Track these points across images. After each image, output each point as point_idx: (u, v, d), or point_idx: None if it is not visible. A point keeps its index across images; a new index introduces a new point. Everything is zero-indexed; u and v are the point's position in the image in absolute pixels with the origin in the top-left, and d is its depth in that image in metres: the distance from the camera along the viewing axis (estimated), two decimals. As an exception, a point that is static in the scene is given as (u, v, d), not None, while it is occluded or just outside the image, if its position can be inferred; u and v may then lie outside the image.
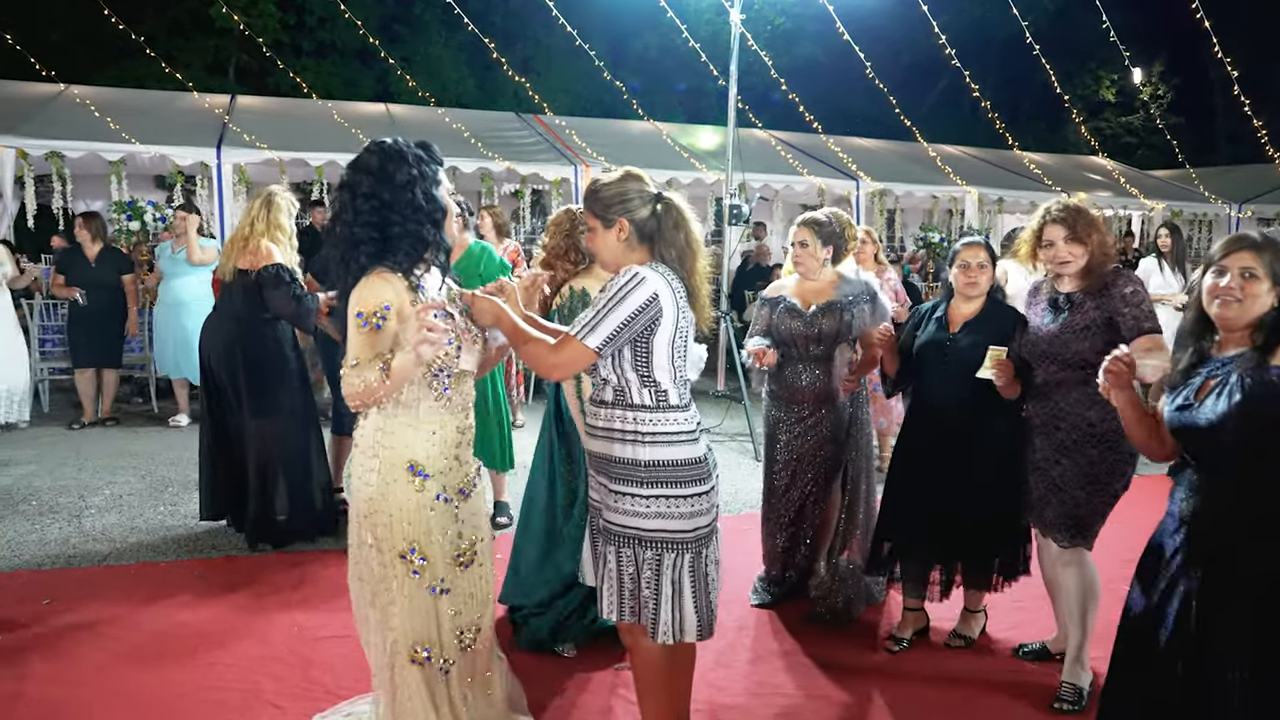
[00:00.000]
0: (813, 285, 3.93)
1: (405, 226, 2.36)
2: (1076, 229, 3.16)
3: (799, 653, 3.59)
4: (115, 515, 5.02)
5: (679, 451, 2.42)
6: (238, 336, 4.59)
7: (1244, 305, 2.15)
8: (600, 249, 2.52)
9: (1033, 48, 12.06)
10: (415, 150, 2.43)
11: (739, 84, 8.43)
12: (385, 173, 2.36)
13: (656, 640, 2.44)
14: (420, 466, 2.39)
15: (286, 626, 3.67)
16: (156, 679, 3.23)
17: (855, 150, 13.49)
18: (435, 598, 2.43)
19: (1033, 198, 13.00)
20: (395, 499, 2.37)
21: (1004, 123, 14.47)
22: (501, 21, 20.44)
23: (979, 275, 3.43)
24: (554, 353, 2.38)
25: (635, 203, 2.45)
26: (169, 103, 11.89)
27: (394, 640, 2.42)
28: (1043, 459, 3.23)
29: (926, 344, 3.52)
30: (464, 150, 10.83)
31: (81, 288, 6.95)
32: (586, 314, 2.36)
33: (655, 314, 2.35)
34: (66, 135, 9.46)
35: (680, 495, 2.41)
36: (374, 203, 2.35)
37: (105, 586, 4.04)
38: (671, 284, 2.40)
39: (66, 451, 6.34)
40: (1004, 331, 3.36)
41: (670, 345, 2.41)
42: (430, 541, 2.40)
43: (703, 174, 11.34)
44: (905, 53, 22.13)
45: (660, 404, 2.42)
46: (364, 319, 2.28)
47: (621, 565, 2.45)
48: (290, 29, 19.91)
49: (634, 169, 2.56)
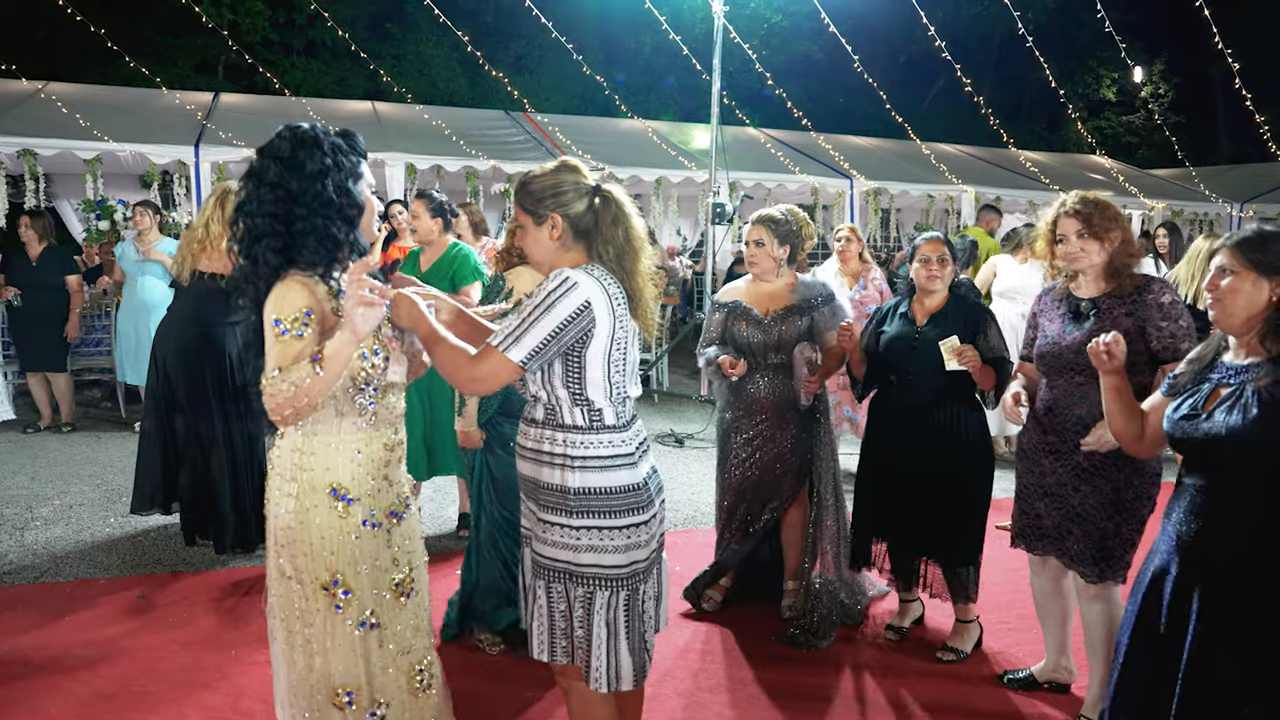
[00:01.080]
0: (768, 288, 3.71)
1: (311, 221, 2.09)
2: (1092, 223, 2.87)
3: (767, 680, 3.36)
4: (61, 528, 4.80)
5: (613, 478, 2.15)
6: (198, 341, 4.39)
7: (1224, 304, 2.05)
8: (531, 248, 2.24)
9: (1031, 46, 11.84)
10: (333, 138, 2.17)
11: (731, 82, 8.27)
12: (295, 160, 2.10)
13: (590, 687, 2.19)
14: (344, 490, 2.14)
15: (221, 651, 3.44)
16: (74, 712, 3.00)
17: (850, 149, 13.29)
18: (364, 633, 2.17)
19: (1030, 197, 12.80)
20: (315, 526, 2.12)
21: (1004, 121, 14.26)
22: (493, 20, 20.26)
23: (939, 269, 3.46)
24: (473, 364, 2.10)
25: (569, 196, 2.17)
26: (150, 101, 11.68)
27: (314, 683, 2.16)
28: (1056, 484, 2.94)
29: (894, 339, 3.52)
30: (450, 149, 10.63)
31: (22, 289, 6.69)
32: (511, 322, 2.09)
33: (588, 324, 2.08)
34: (40, 133, 9.27)
35: (614, 526, 2.14)
36: (279, 192, 2.10)
37: (37, 607, 3.82)
38: (608, 289, 2.12)
39: (22, 459, 6.12)
40: (973, 323, 3.39)
41: (605, 359, 2.13)
42: (356, 573, 2.15)
43: (693, 173, 11.13)
44: (904, 51, 21.95)
45: (594, 424, 2.15)
46: (283, 326, 2.02)
47: (552, 601, 2.20)
48: (280, 27, 19.72)
49: (571, 159, 2.26)
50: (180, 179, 9.64)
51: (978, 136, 16.72)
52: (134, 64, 12.26)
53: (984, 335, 3.37)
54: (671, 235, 11.34)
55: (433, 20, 17.48)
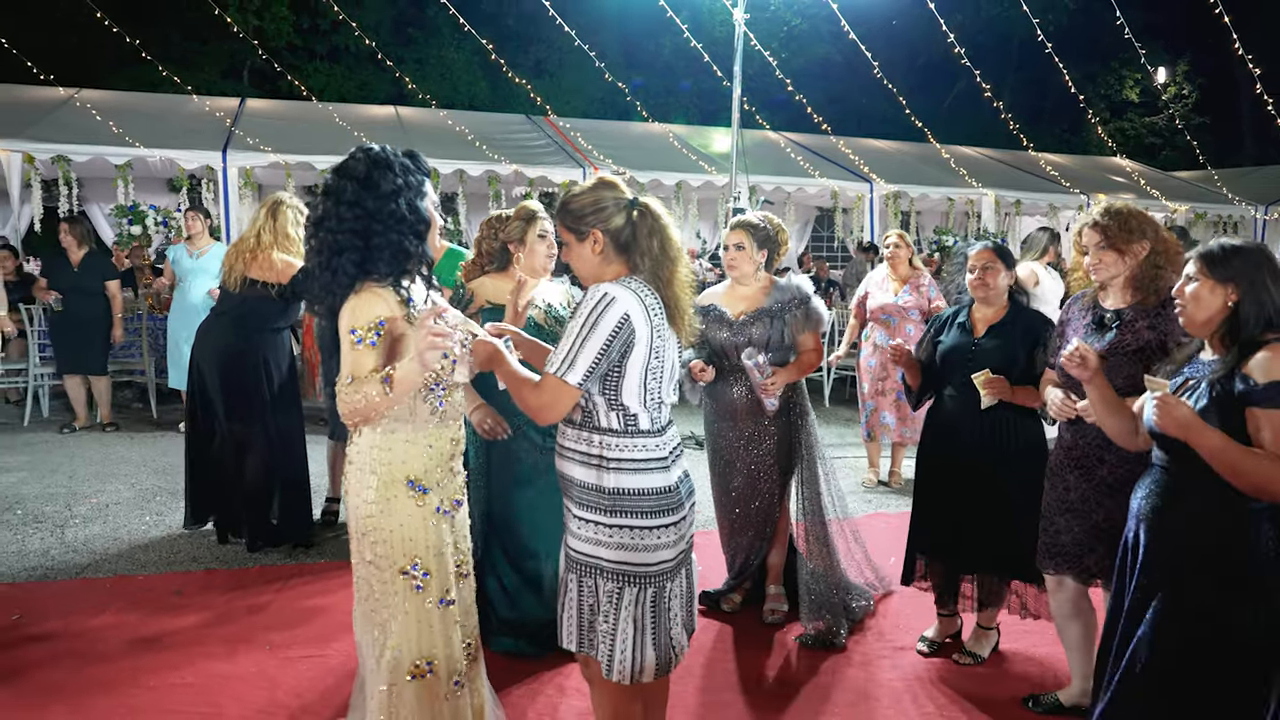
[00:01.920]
0: (744, 291, 3.78)
1: (387, 237, 2.29)
2: (1109, 235, 2.87)
3: (786, 680, 3.43)
4: (99, 525, 4.94)
5: (646, 480, 2.25)
6: (240, 345, 4.54)
7: (1188, 308, 2.29)
8: (576, 263, 2.35)
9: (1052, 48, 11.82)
10: (402, 159, 2.36)
11: (752, 86, 8.32)
12: (370, 180, 2.29)
13: (613, 679, 2.28)
14: (419, 481, 2.35)
15: (257, 645, 3.55)
16: (116, 700, 3.12)
17: (869, 152, 13.31)
18: (443, 610, 2.39)
19: (1051, 200, 12.77)
20: (396, 515, 2.33)
21: (1025, 124, 14.23)
22: (514, 24, 20.39)
23: (987, 277, 3.40)
24: (537, 394, 2.23)
25: (609, 211, 2.27)
26: (179, 106, 11.89)
27: (391, 658, 2.35)
28: (1080, 499, 2.92)
29: (951, 349, 3.47)
30: (471, 153, 10.75)
31: (64, 293, 6.83)
32: (562, 347, 2.20)
33: (629, 336, 2.19)
34: (73, 139, 9.48)
35: (645, 526, 2.24)
36: (357, 210, 2.29)
37: (79, 601, 3.95)
38: (645, 300, 2.23)
39: (60, 458, 6.28)
40: (1033, 334, 3.33)
41: (644, 368, 2.24)
42: (434, 555, 2.37)
43: (713, 177, 11.21)
44: (923, 53, 21.89)
45: (629, 429, 2.26)
46: (359, 336, 2.22)
47: (583, 595, 2.31)
48: (304, 33, 19.94)
49: (609, 176, 2.40)
50: (208, 183, 9.82)
51: (998, 139, 16.69)
52: (163, 70, 12.47)
53: (1045, 347, 3.25)
54: (691, 239, 11.40)
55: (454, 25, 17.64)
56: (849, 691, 3.32)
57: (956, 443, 3.40)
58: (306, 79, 16.93)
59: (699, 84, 21.12)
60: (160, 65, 12.60)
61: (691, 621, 2.41)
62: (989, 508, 3.32)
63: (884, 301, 5.95)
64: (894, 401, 5.89)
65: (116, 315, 7.09)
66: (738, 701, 3.24)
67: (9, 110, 10.28)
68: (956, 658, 3.55)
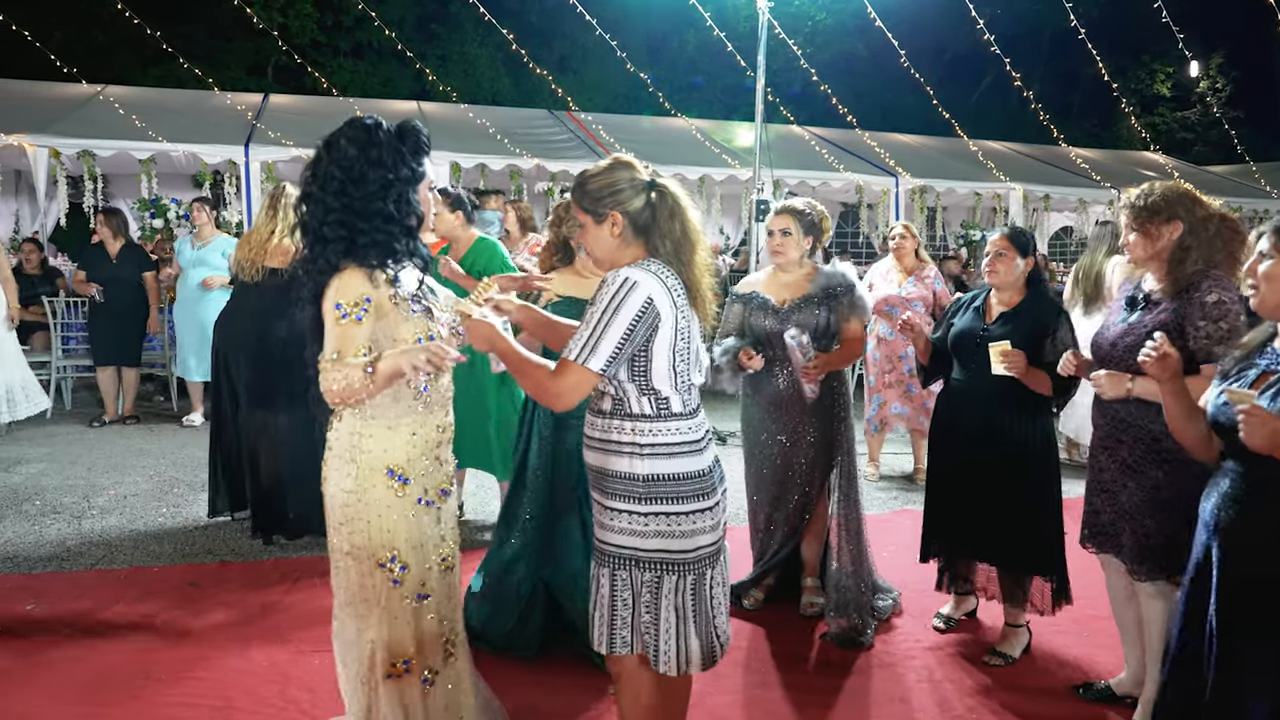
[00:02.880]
0: (788, 279, 3.69)
1: (373, 236, 2.21)
2: (1137, 215, 2.78)
3: (814, 678, 3.33)
4: (117, 517, 4.92)
5: (681, 464, 2.18)
6: (264, 333, 4.53)
7: (1261, 289, 2.05)
8: (593, 246, 2.28)
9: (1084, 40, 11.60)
10: (395, 146, 2.23)
11: (776, 80, 8.19)
12: (357, 174, 2.19)
13: (659, 670, 2.21)
14: (400, 470, 2.26)
15: (270, 638, 3.50)
16: (126, 692, 3.08)
17: (895, 146, 13.13)
18: (417, 605, 2.30)
19: (1081, 194, 12.55)
20: (373, 505, 2.24)
21: (1053, 119, 13.98)
22: (538, 20, 20.35)
23: (997, 264, 3.37)
24: (554, 380, 2.14)
25: (627, 193, 2.19)
26: (203, 102, 11.93)
27: (371, 653, 2.28)
28: (1110, 479, 2.89)
29: (961, 333, 3.45)
30: (494, 148, 10.71)
31: (103, 285, 6.89)
32: (582, 331, 2.12)
33: (654, 319, 2.12)
34: (99, 134, 9.52)
35: (681, 512, 2.17)
36: (344, 199, 2.20)
37: (93, 591, 3.92)
38: (667, 282, 2.16)
39: (80, 450, 6.29)
40: (1042, 323, 3.28)
41: (671, 350, 2.17)
42: (412, 548, 2.27)
43: (736, 171, 11.09)
44: (951, 47, 21.64)
45: (661, 413, 2.19)
46: (344, 310, 2.15)
47: (615, 590, 2.23)
48: (328, 29, 20.02)
49: (624, 156, 2.31)
50: (231, 178, 9.83)
51: (1026, 133, 16.43)
52: (188, 66, 12.54)
53: (1052, 337, 3.24)
54: (714, 234, 11.32)
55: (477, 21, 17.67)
56: (877, 691, 3.22)
57: (962, 427, 3.40)
58: (330, 75, 17.01)
59: (723, 80, 21.00)
60: (186, 62, 12.66)
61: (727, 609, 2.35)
62: (995, 496, 3.30)
63: (887, 293, 5.85)
64: (903, 392, 5.83)
65: (153, 306, 7.15)
66: (763, 699, 3.15)
67: (37, 107, 10.35)
68: (986, 659, 3.45)
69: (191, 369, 6.99)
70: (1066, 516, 3.37)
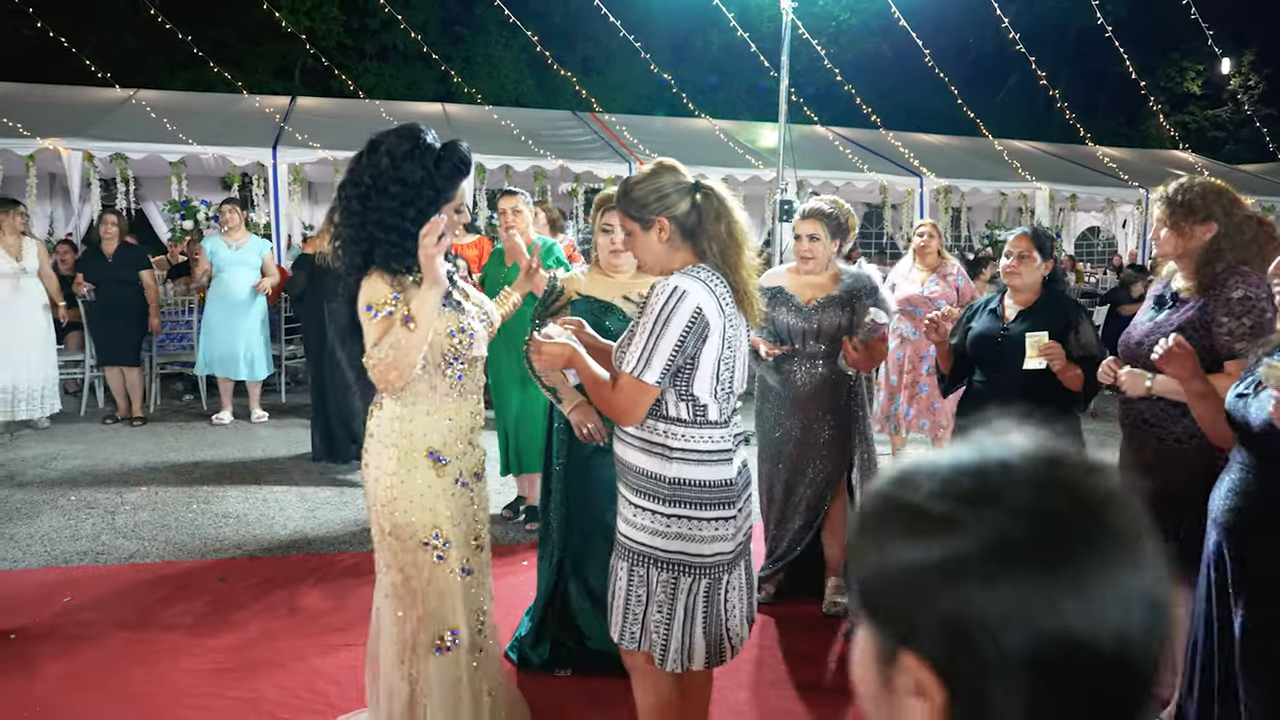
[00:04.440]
0: (813, 279, 3.69)
1: (387, 249, 2.28)
2: (1171, 211, 2.71)
3: (829, 675, 3.34)
4: (148, 512, 5.01)
5: (707, 472, 2.19)
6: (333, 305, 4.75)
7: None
8: (642, 253, 2.28)
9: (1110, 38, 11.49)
10: (431, 163, 2.25)
11: (799, 80, 8.18)
12: (383, 185, 2.24)
13: (665, 668, 2.22)
14: (439, 453, 2.38)
15: (297, 633, 3.56)
16: (160, 683, 3.14)
17: (919, 146, 13.07)
18: (463, 579, 2.41)
19: (1108, 194, 12.43)
20: (416, 485, 2.35)
21: (1079, 118, 13.85)
22: (561, 22, 20.43)
23: (1018, 265, 3.31)
24: (617, 397, 2.17)
25: (673, 198, 2.19)
26: (231, 105, 12.10)
27: (412, 631, 2.35)
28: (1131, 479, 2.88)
29: (980, 335, 3.39)
30: (518, 149, 10.77)
31: (98, 284, 6.88)
32: (636, 345, 2.13)
33: (703, 329, 2.11)
34: (131, 137, 9.68)
35: (703, 518, 2.19)
36: (366, 204, 2.27)
37: (126, 585, 4.00)
38: (715, 290, 2.15)
39: (113, 448, 6.40)
40: (1061, 320, 3.23)
41: (716, 359, 2.17)
42: (453, 526, 2.39)
43: (760, 171, 11.09)
44: (975, 47, 21.51)
45: (697, 419, 2.19)
46: (375, 310, 2.26)
47: (631, 584, 2.25)
48: (354, 33, 20.21)
49: (667, 160, 2.29)
50: (259, 180, 9.96)
51: (1052, 133, 16.32)
52: (217, 69, 12.72)
53: (1075, 332, 3.20)
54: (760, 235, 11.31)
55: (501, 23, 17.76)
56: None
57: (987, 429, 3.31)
58: (356, 78, 17.14)
59: (748, 81, 20.98)
60: (215, 65, 12.83)
61: (751, 612, 2.36)
62: None
63: (909, 293, 5.80)
64: (915, 393, 5.82)
65: (152, 305, 7.12)
66: (778, 696, 3.16)
67: (71, 111, 10.54)
68: None
69: (218, 364, 7.08)
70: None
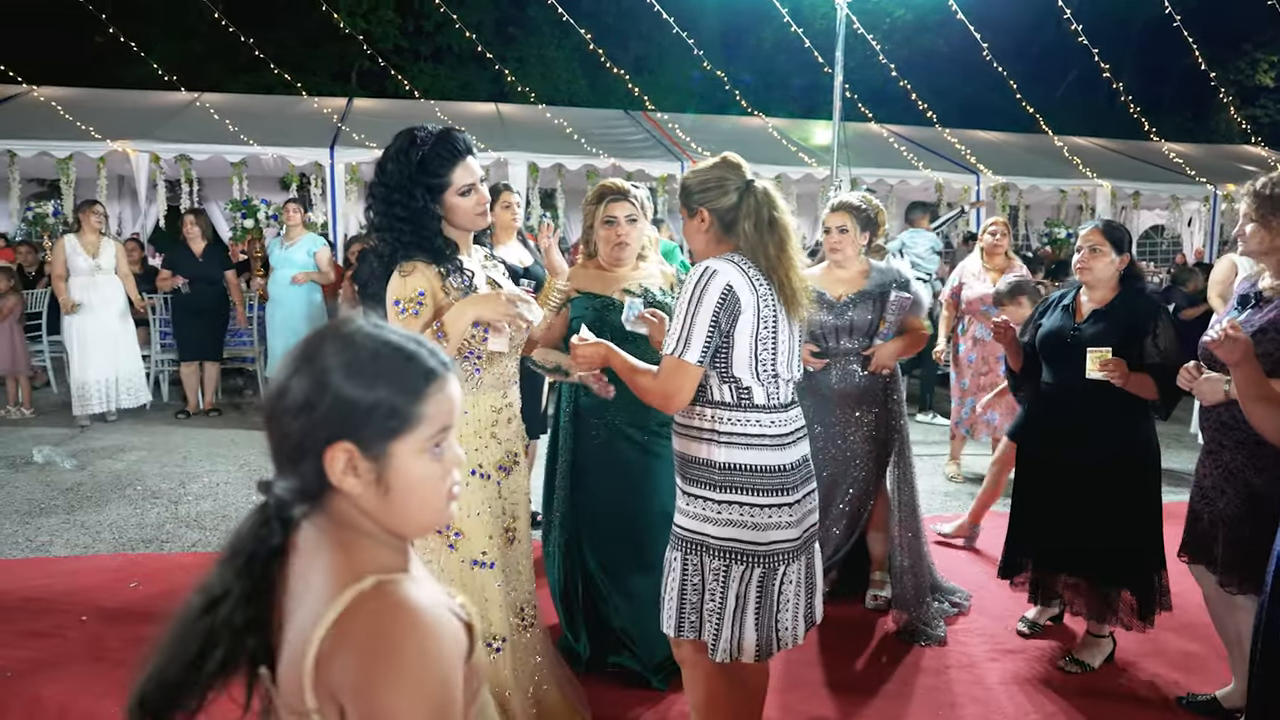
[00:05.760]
0: (843, 274, 3.65)
1: (400, 238, 2.34)
2: (1258, 205, 2.62)
3: (885, 678, 3.30)
4: (210, 502, 5.15)
5: (758, 456, 2.19)
6: None
7: None
8: (690, 240, 2.37)
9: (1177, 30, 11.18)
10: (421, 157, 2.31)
11: (853, 78, 8.09)
12: (396, 182, 2.34)
13: (715, 659, 2.22)
14: None
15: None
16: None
17: (976, 143, 12.85)
18: (476, 570, 2.41)
19: (1174, 191, 12.09)
20: None
21: (1144, 112, 13.47)
22: (614, 21, 20.48)
23: (1091, 259, 3.18)
24: (660, 382, 2.21)
25: (716, 192, 2.25)
26: (290, 106, 12.36)
27: None
28: (1211, 486, 2.78)
29: (1049, 333, 3.27)
30: (570, 148, 10.84)
31: (190, 281, 7.19)
32: (674, 327, 2.18)
33: (734, 305, 2.15)
34: (195, 139, 9.95)
35: (757, 504, 2.18)
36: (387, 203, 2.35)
37: (190, 572, 4.09)
38: (748, 272, 2.18)
39: (176, 440, 6.58)
40: (1137, 321, 3.07)
41: (752, 338, 2.18)
42: (466, 516, 2.40)
43: (813, 169, 11.01)
44: (1034, 42, 21.07)
45: (742, 402, 2.20)
46: (402, 306, 2.32)
47: (687, 574, 2.25)
48: (410, 34, 20.50)
49: (732, 155, 2.34)
50: (316, 179, 10.17)
51: (1114, 129, 15.90)
52: (277, 71, 13.01)
53: (1153, 336, 3.04)
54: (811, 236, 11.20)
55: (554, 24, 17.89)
56: (958, 691, 3.17)
57: (1053, 431, 3.24)
58: (412, 79, 17.39)
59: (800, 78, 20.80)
60: (275, 68, 13.12)
61: (813, 613, 2.33)
62: (1086, 503, 3.13)
63: (983, 292, 5.64)
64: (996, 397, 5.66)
65: (238, 303, 7.46)
66: (830, 697, 3.13)
67: (139, 114, 10.87)
68: (1063, 665, 3.33)
69: (270, 363, 7.27)
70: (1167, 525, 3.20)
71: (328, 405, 1.04)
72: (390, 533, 1.10)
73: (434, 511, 1.11)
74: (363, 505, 1.07)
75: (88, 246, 6.78)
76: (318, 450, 1.04)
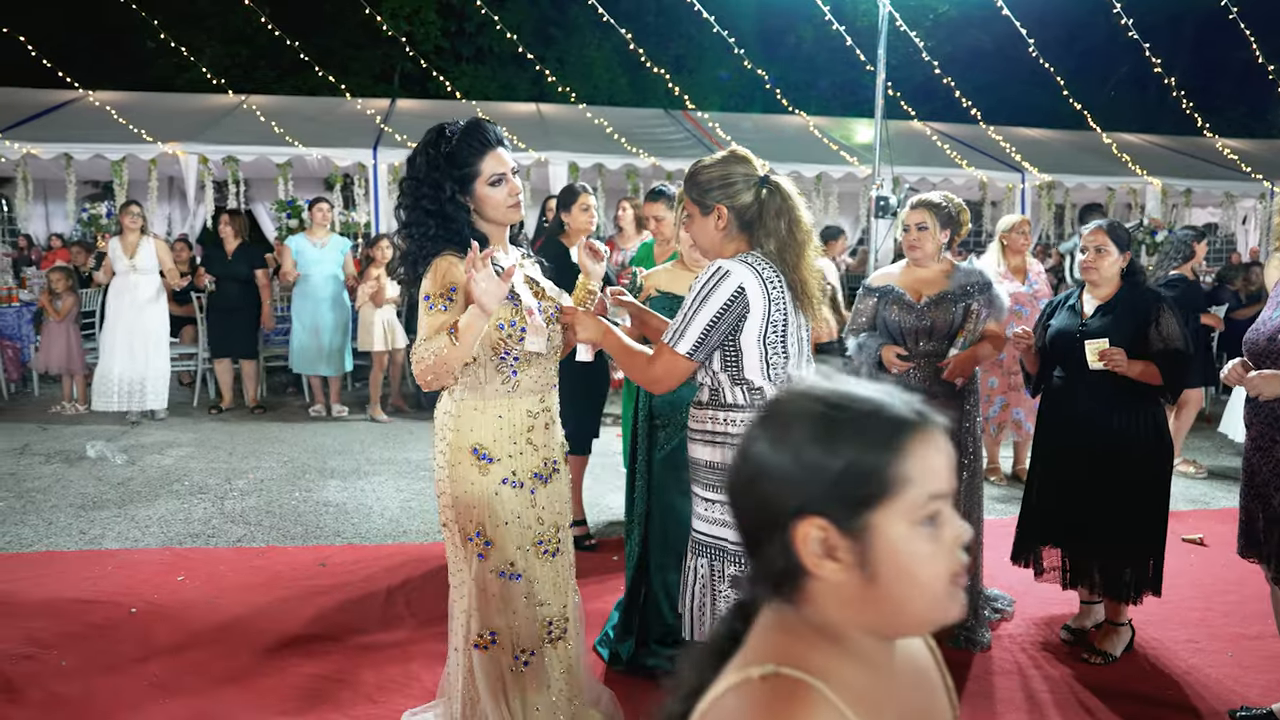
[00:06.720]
0: (923, 274, 3.58)
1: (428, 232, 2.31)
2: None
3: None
4: (255, 498, 5.23)
5: None
6: None
7: None
8: (698, 237, 2.32)
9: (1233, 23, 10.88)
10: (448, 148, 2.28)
11: (896, 75, 8.00)
12: (425, 175, 2.32)
13: None
14: (484, 450, 2.33)
15: (393, 621, 3.65)
16: (264, 662, 3.27)
17: (1021, 140, 12.64)
18: (505, 582, 2.34)
19: (1227, 188, 11.79)
20: (460, 481, 2.34)
21: (1197, 109, 13.14)
22: (654, 20, 20.47)
23: (1095, 259, 3.31)
24: (650, 366, 2.24)
25: (737, 187, 2.21)
26: (335, 108, 12.52)
27: (465, 621, 2.39)
28: (1263, 483, 2.75)
29: (1059, 332, 3.40)
30: (610, 148, 10.86)
31: (217, 280, 7.33)
32: (676, 319, 2.21)
33: (742, 309, 2.14)
34: (241, 141, 10.13)
35: None
36: (416, 198, 2.33)
37: (235, 566, 4.18)
38: (763, 274, 2.16)
39: (222, 437, 6.70)
40: (1139, 313, 3.23)
41: (760, 341, 2.17)
42: (496, 525, 2.32)
43: (854, 168, 10.91)
44: (1081, 39, 20.66)
45: (755, 404, 2.19)
46: (431, 301, 2.27)
47: (702, 580, 2.25)
48: (451, 36, 20.67)
49: (740, 149, 2.31)
50: (360, 180, 10.30)
51: (1165, 126, 15.54)
52: (322, 74, 13.19)
53: (1156, 325, 3.20)
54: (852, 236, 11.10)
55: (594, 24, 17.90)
56: (1000, 694, 3.12)
57: (1065, 425, 3.35)
58: (454, 80, 17.52)
59: (841, 75, 20.63)
60: (320, 70, 13.31)
61: None
62: (1096, 485, 3.24)
63: (1014, 290, 5.58)
64: (1024, 396, 5.60)
65: (265, 302, 7.52)
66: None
67: (188, 117, 11.10)
68: (1086, 656, 3.36)
69: (307, 363, 7.36)
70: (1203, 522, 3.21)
71: (786, 471, 0.90)
72: (873, 632, 0.92)
73: (932, 601, 0.90)
74: (844, 597, 0.90)
75: (126, 247, 6.94)
76: (784, 525, 0.90)
